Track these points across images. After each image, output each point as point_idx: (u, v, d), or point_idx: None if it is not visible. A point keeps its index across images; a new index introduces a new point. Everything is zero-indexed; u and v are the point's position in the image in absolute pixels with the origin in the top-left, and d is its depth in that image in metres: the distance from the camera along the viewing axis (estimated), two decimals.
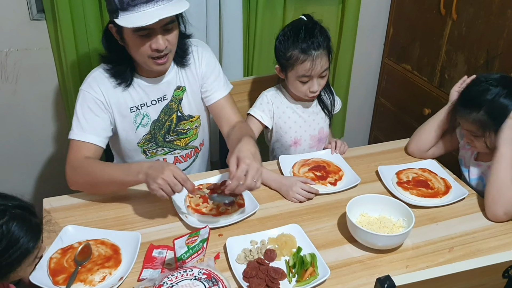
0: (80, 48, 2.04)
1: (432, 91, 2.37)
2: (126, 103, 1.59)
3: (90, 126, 1.53)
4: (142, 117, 1.62)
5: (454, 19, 2.15)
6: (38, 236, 1.10)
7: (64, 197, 1.53)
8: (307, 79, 1.65)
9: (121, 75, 1.56)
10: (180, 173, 1.33)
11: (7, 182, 2.29)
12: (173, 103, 1.66)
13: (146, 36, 1.42)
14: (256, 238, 1.35)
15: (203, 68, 1.68)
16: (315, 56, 1.61)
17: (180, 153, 1.75)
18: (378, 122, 2.90)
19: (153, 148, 1.70)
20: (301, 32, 1.62)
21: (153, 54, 1.46)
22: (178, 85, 1.65)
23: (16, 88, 2.12)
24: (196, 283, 1.13)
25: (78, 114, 1.54)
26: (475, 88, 1.57)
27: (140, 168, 1.36)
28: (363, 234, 1.31)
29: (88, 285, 1.19)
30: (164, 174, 1.30)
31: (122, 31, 1.45)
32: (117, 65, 1.55)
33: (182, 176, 1.33)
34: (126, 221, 1.44)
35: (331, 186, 1.59)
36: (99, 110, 1.55)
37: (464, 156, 1.72)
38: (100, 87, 1.54)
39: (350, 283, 1.23)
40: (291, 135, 1.80)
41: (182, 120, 1.70)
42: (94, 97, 1.53)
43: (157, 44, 1.43)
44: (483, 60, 2.04)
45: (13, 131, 2.20)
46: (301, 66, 1.62)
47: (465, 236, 1.41)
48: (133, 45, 1.46)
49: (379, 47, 2.70)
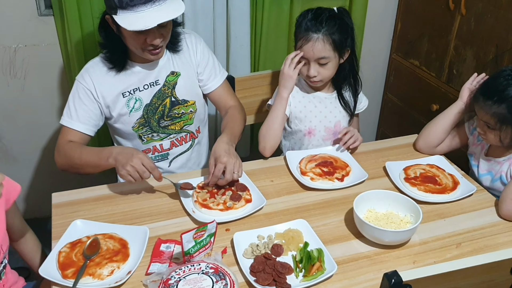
0: (87, 43, 2.05)
1: (440, 86, 2.36)
2: (118, 88, 1.65)
3: (78, 114, 1.62)
4: (134, 101, 1.67)
5: (463, 13, 2.13)
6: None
7: (73, 192, 1.54)
8: (304, 60, 1.67)
9: (115, 60, 1.63)
10: (148, 161, 1.42)
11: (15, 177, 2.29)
12: (166, 88, 1.70)
13: (142, 32, 1.48)
14: (263, 233, 1.35)
15: (198, 57, 1.74)
16: (311, 38, 1.63)
17: (175, 137, 1.79)
18: (385, 118, 2.89)
19: (148, 133, 1.73)
20: (311, 13, 1.66)
21: (148, 47, 1.53)
22: (172, 70, 1.70)
23: (24, 83, 2.13)
24: (204, 277, 1.14)
25: (69, 102, 1.63)
26: (500, 81, 1.51)
27: (110, 153, 1.46)
28: (370, 230, 1.31)
29: (97, 279, 1.19)
30: (133, 162, 1.40)
31: (119, 25, 1.48)
32: (112, 51, 1.62)
33: (151, 165, 1.42)
34: (134, 216, 1.44)
35: (338, 181, 1.59)
36: (88, 100, 1.62)
37: (474, 151, 1.71)
38: (91, 77, 1.62)
39: (357, 279, 1.23)
40: (306, 124, 1.80)
41: (177, 104, 1.73)
42: (84, 87, 1.62)
43: (153, 40, 1.51)
44: (492, 55, 2.02)
45: (21, 127, 2.22)
46: (298, 42, 1.67)
47: (473, 232, 1.41)
48: (129, 39, 1.53)
49: (387, 43, 2.68)
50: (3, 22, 1.99)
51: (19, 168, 2.31)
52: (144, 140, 1.75)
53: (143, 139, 1.74)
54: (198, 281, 1.13)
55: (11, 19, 1.99)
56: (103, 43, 1.64)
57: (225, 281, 1.13)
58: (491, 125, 1.52)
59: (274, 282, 1.19)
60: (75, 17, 1.97)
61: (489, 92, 1.52)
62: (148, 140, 1.75)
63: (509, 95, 1.47)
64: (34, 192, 2.40)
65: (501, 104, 1.48)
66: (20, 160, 2.30)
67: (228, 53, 2.28)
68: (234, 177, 1.47)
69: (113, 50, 1.62)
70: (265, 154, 1.73)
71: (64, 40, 2.05)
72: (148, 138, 1.74)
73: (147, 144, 1.75)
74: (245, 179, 1.57)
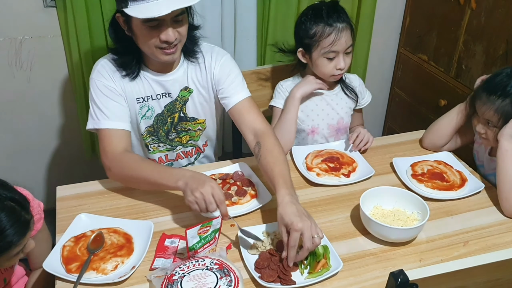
0: (95, 36, 2.04)
1: (449, 82, 2.33)
2: (133, 94, 1.57)
3: (113, 113, 1.51)
4: (147, 109, 1.61)
5: (473, 8, 2.10)
6: (25, 232, 1.08)
7: (77, 185, 1.54)
8: (333, 54, 1.65)
9: (128, 66, 1.53)
10: (219, 193, 1.28)
11: (20, 169, 2.31)
12: (178, 103, 1.63)
13: (155, 28, 1.39)
14: (269, 229, 1.34)
15: (217, 72, 1.61)
16: (340, 28, 1.62)
17: (181, 149, 1.75)
18: (392, 113, 2.86)
19: (155, 143, 1.69)
20: (324, 8, 1.64)
21: (162, 45, 1.43)
22: (186, 86, 1.62)
23: (30, 75, 2.13)
24: (208, 273, 1.13)
25: (97, 103, 1.51)
26: (503, 77, 1.50)
27: (183, 175, 1.32)
28: (376, 227, 1.30)
29: (101, 273, 1.19)
30: (204, 189, 1.26)
31: (130, 21, 1.42)
32: (124, 56, 1.53)
33: (220, 197, 1.28)
34: (138, 210, 1.44)
35: (344, 177, 1.57)
36: (115, 96, 1.53)
37: (478, 150, 1.69)
38: (109, 74, 1.53)
39: (363, 276, 1.22)
40: (308, 123, 1.79)
41: (184, 120, 1.68)
42: (106, 85, 1.52)
43: (167, 36, 1.40)
44: (502, 50, 2.00)
45: (27, 119, 2.22)
46: (326, 39, 1.63)
47: (481, 230, 1.39)
48: (141, 36, 1.43)
49: (395, 37, 2.66)
50: (9, 14, 1.98)
51: (24, 160, 2.31)
52: (151, 150, 1.70)
53: (150, 149, 1.70)
54: (202, 277, 1.12)
55: (17, 11, 1.98)
56: (114, 49, 1.55)
57: (229, 277, 1.12)
58: (493, 123, 1.51)
59: (279, 278, 1.18)
60: (81, 9, 1.96)
61: (492, 87, 1.51)
62: (154, 150, 1.71)
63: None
64: (39, 184, 2.41)
65: (505, 98, 1.46)
66: (26, 152, 2.30)
67: (235, 47, 2.26)
68: (315, 242, 1.20)
69: (125, 55, 1.53)
70: None
71: (66, 32, 2.04)
72: (154, 148, 1.70)
73: (153, 155, 1.71)
74: (250, 174, 1.56)
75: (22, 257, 1.15)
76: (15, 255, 1.10)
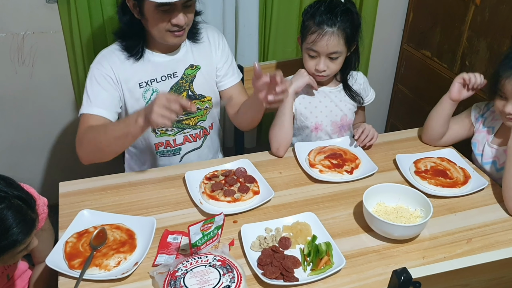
0: (96, 31, 2.04)
1: (452, 78, 2.28)
2: (135, 79, 1.60)
3: (99, 100, 1.55)
4: (151, 93, 1.63)
5: (477, 3, 2.09)
6: (30, 231, 1.08)
7: (80, 181, 1.53)
8: (314, 53, 1.65)
9: (133, 48, 1.58)
10: (171, 95, 1.34)
11: (23, 165, 2.31)
12: (184, 81, 1.66)
13: (167, 12, 1.45)
14: (271, 225, 1.34)
15: (219, 53, 1.71)
16: (325, 32, 1.60)
17: (189, 132, 1.75)
18: (395, 110, 2.85)
19: (163, 126, 1.69)
20: (323, 5, 1.62)
21: (172, 28, 1.50)
22: (191, 63, 1.66)
23: (32, 71, 2.12)
24: (211, 269, 1.13)
25: (87, 89, 1.56)
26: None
27: (138, 113, 1.38)
28: (379, 224, 1.30)
29: (103, 269, 1.19)
30: (156, 101, 1.30)
31: (142, 5, 1.46)
32: (130, 39, 1.58)
33: (174, 95, 1.33)
34: (141, 206, 1.44)
35: (347, 174, 1.57)
36: (107, 85, 1.57)
37: (478, 139, 1.69)
38: (109, 63, 1.57)
39: (366, 273, 1.22)
40: (312, 120, 1.78)
41: (193, 99, 1.70)
42: (103, 73, 1.56)
43: (178, 20, 1.47)
44: (506, 46, 1.98)
45: (29, 114, 2.22)
46: (310, 36, 1.63)
47: (484, 227, 1.39)
48: (153, 20, 1.48)
49: (398, 33, 2.64)
50: (11, 9, 1.97)
51: (27, 155, 2.31)
52: (158, 133, 1.71)
53: (157, 132, 1.71)
54: (205, 274, 1.12)
55: (19, 6, 1.98)
56: (120, 31, 1.60)
57: (232, 274, 1.12)
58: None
59: (282, 275, 1.18)
60: (83, 3, 1.95)
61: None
62: (161, 134, 1.72)
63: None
64: (41, 180, 2.41)
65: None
66: (28, 148, 2.30)
67: (237, 42, 2.25)
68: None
69: (131, 37, 1.58)
70: (280, 155, 1.68)
71: (69, 28, 2.03)
72: (161, 131, 1.71)
73: (160, 138, 1.72)
74: (253, 170, 1.56)
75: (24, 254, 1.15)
76: (19, 253, 1.10)
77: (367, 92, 1.85)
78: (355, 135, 1.71)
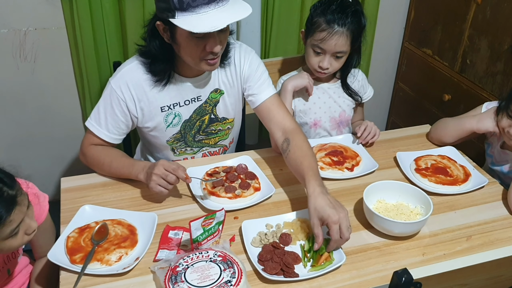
0: (97, 28, 2.04)
1: (453, 76, 2.32)
2: (157, 102, 1.53)
3: (107, 123, 1.52)
4: (173, 117, 1.58)
5: (478, 2, 2.09)
6: (11, 207, 1.05)
7: (82, 177, 1.54)
8: (319, 50, 1.65)
9: (159, 73, 1.49)
10: (169, 164, 1.37)
11: (24, 161, 2.32)
12: (207, 105, 1.60)
13: (202, 38, 1.36)
14: (272, 221, 1.35)
15: (246, 69, 1.60)
16: (335, 31, 1.60)
17: (208, 150, 1.72)
18: (396, 108, 2.86)
19: (182, 147, 1.67)
20: (335, 4, 1.62)
21: (207, 57, 1.40)
22: (216, 87, 1.60)
23: (34, 67, 2.13)
24: (212, 265, 1.14)
25: (100, 106, 1.52)
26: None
27: (143, 167, 1.43)
28: (380, 221, 1.30)
29: (105, 264, 1.20)
30: (155, 170, 1.35)
31: (174, 31, 1.37)
32: (158, 64, 1.48)
33: (172, 167, 1.36)
34: (142, 202, 1.44)
35: (348, 171, 1.57)
36: (120, 111, 1.51)
37: (492, 142, 1.69)
38: (129, 85, 1.49)
39: (366, 270, 1.23)
40: (311, 116, 1.79)
41: (215, 121, 1.65)
42: (119, 97, 1.49)
43: (214, 47, 1.38)
44: (508, 45, 1.99)
45: (31, 111, 2.22)
46: (318, 33, 1.62)
47: (484, 225, 1.39)
48: (187, 47, 1.39)
49: (400, 31, 2.64)
50: (13, 5, 1.97)
51: (28, 151, 2.32)
52: (177, 152, 1.68)
53: (176, 152, 1.68)
54: (206, 269, 1.12)
55: (21, 3, 1.98)
56: (148, 53, 1.48)
57: (232, 269, 1.13)
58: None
59: (282, 271, 1.18)
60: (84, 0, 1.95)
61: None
62: (180, 153, 1.69)
63: None
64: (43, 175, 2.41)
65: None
66: (30, 144, 2.30)
67: (239, 39, 2.25)
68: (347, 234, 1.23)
69: (159, 61, 1.47)
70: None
71: (71, 24, 2.03)
72: (181, 151, 1.68)
73: (179, 156, 1.69)
74: (254, 167, 1.56)
75: (26, 242, 1.14)
76: (11, 236, 1.08)
77: (366, 89, 1.85)
78: (357, 133, 1.71)
